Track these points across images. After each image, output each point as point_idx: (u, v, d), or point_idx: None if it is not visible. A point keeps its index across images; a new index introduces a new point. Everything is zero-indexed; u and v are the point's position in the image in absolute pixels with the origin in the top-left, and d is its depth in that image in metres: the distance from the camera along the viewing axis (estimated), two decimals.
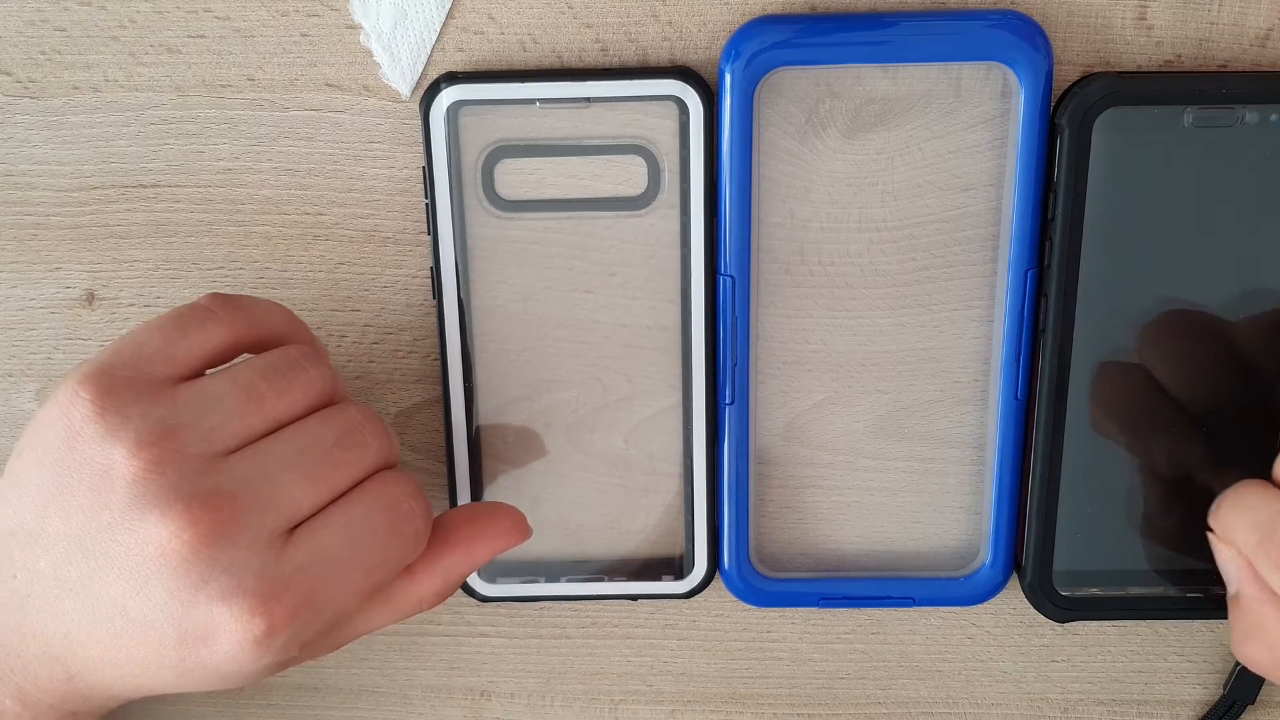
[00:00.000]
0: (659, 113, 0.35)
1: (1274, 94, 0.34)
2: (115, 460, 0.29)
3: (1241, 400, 0.37)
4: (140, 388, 0.30)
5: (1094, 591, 0.39)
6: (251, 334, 0.32)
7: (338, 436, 0.31)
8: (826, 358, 0.38)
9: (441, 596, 0.34)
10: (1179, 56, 0.35)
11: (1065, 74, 0.35)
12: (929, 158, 0.36)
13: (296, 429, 0.31)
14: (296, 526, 0.30)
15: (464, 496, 0.39)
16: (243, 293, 0.38)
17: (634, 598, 0.40)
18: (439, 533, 0.34)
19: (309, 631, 0.31)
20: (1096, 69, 0.35)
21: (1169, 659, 0.41)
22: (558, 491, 0.39)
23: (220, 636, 0.29)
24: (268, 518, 0.30)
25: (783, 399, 0.38)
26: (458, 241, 0.37)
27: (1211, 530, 0.35)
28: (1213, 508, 0.35)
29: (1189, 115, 0.35)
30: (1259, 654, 0.35)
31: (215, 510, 0.29)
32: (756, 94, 0.35)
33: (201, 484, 0.29)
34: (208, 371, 0.32)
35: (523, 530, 0.35)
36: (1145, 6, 0.35)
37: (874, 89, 0.35)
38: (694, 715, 0.43)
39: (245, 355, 0.33)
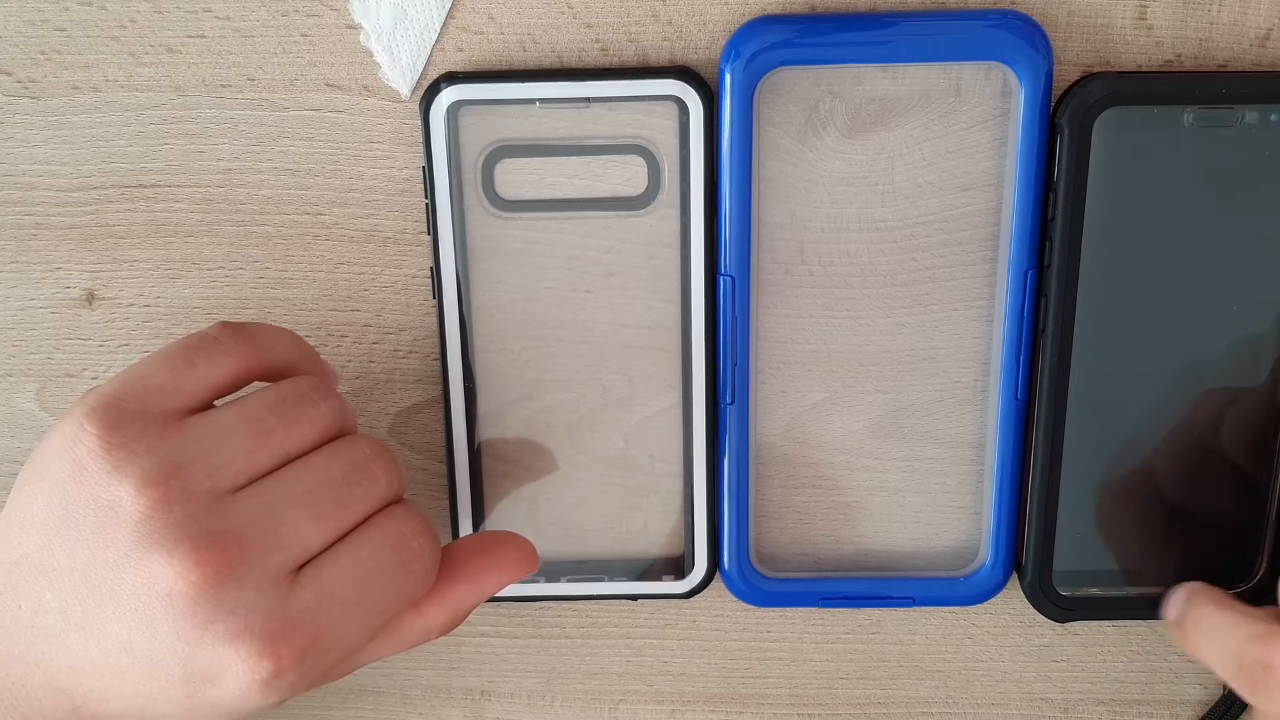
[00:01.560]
0: (659, 113, 0.35)
1: (1274, 94, 0.34)
2: (121, 497, 0.29)
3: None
4: (147, 422, 0.29)
5: (1094, 591, 0.39)
6: (261, 364, 0.32)
7: (346, 473, 0.31)
8: (826, 358, 0.38)
9: (450, 627, 0.34)
10: (1179, 56, 0.35)
11: (1065, 74, 0.35)
12: (929, 158, 0.36)
13: (304, 465, 0.31)
14: (304, 565, 0.30)
15: (464, 497, 0.39)
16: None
17: (634, 598, 0.40)
18: (447, 564, 0.33)
19: (317, 670, 0.30)
20: (1096, 69, 0.35)
21: (1169, 659, 0.41)
22: (558, 491, 0.39)
23: (227, 677, 0.29)
24: (275, 557, 0.29)
25: (783, 399, 0.38)
26: (458, 241, 0.36)
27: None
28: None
29: (1189, 115, 0.35)
30: None
31: (222, 550, 0.29)
32: (756, 94, 0.35)
33: (208, 523, 0.29)
34: (216, 402, 0.31)
35: (531, 561, 0.35)
36: (1145, 6, 0.35)
37: (874, 89, 0.35)
38: (694, 715, 0.43)
39: (255, 384, 0.32)
